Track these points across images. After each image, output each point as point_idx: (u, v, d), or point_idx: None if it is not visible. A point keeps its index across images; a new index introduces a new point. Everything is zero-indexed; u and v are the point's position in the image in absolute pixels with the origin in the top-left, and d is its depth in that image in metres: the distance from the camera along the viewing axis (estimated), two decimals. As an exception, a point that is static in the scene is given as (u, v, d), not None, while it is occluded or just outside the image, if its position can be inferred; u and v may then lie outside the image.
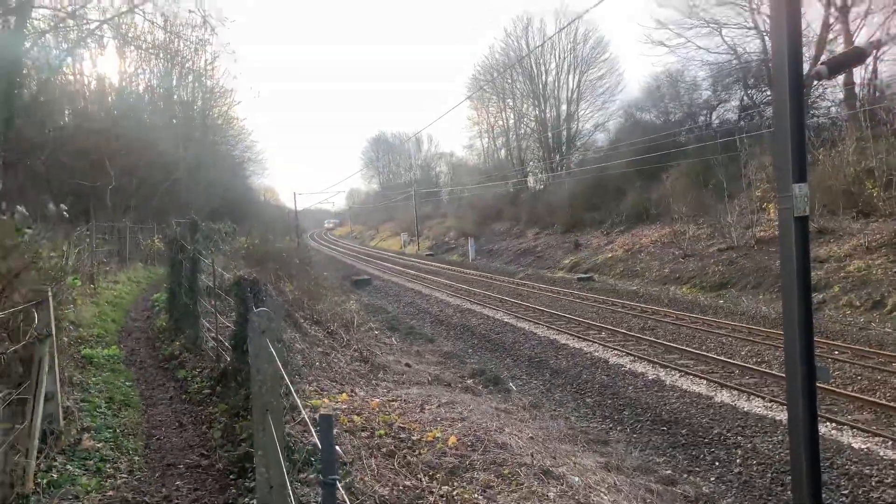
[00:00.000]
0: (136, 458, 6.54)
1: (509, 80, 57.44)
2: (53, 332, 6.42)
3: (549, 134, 53.94)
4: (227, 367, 8.28)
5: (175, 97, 41.32)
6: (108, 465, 6.12)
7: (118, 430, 7.10)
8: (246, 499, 5.30)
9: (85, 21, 21.36)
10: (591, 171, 42.45)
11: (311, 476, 5.38)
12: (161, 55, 33.84)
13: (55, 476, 5.51)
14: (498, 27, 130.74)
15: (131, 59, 34.21)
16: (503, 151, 63.69)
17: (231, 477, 6.00)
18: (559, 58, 53.67)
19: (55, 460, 5.84)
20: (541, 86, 54.92)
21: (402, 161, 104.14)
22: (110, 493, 5.60)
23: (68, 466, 5.83)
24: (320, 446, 1.73)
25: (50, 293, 6.43)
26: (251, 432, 6.11)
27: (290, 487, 3.36)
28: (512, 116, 60.32)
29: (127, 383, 9.19)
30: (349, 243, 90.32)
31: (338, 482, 1.75)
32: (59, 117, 27.49)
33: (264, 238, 21.41)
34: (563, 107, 54.15)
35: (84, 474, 5.79)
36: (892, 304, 16.34)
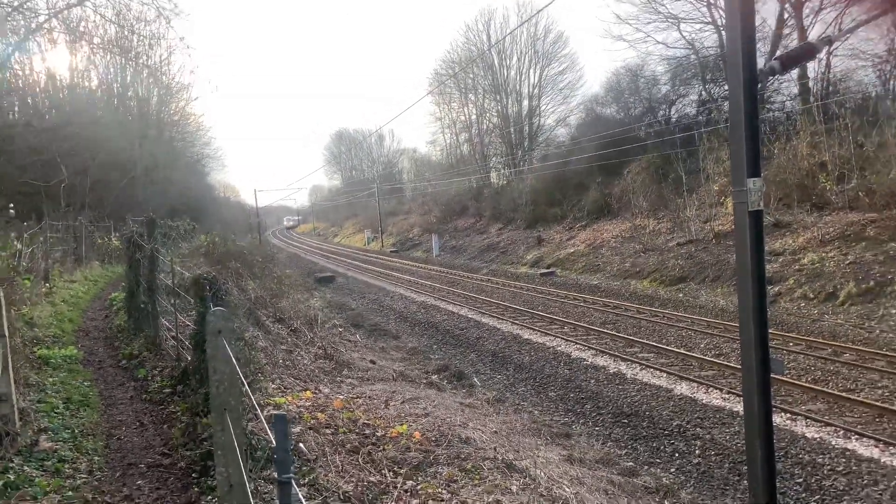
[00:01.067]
0: (96, 458, 6.41)
1: (471, 75, 57.58)
2: (6, 333, 6.26)
3: (512, 129, 54.24)
4: (188, 366, 8.16)
5: (130, 93, 40.41)
6: (66, 466, 5.99)
7: (77, 431, 6.95)
8: (208, 497, 5.25)
9: (33, 14, 20.71)
10: (553, 166, 42.82)
11: (275, 474, 5.35)
12: (114, 50, 32.99)
13: (12, 478, 5.38)
14: (461, 23, 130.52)
15: (83, 54, 33.30)
16: (466, 147, 63.82)
17: (193, 475, 5.93)
18: (520, 52, 54.00)
19: (12, 462, 5.70)
20: (502, 80, 55.19)
21: (365, 157, 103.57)
22: (69, 493, 5.49)
23: (25, 468, 5.69)
24: (275, 447, 1.73)
25: (1, 293, 6.26)
26: (211, 431, 6.05)
27: (248, 486, 3.34)
28: (474, 112, 60.50)
29: (85, 383, 8.99)
30: (312, 240, 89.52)
31: (293, 480, 1.76)
32: (8, 114, 26.62)
33: (225, 236, 21.08)
34: (525, 102, 54.49)
35: (42, 475, 5.65)
36: (844, 296, 16.87)
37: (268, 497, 4.89)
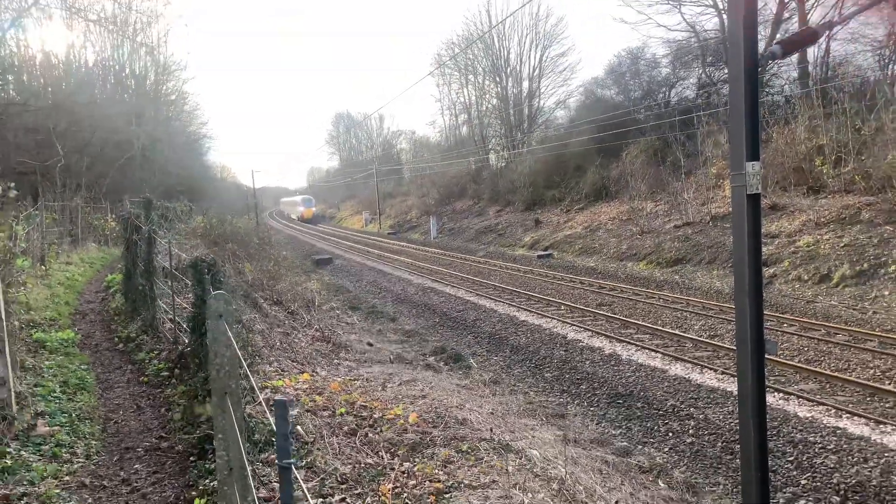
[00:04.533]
0: (94, 442, 6.47)
1: (471, 56, 57.24)
2: (3, 316, 6.26)
3: (511, 111, 53.97)
4: (185, 349, 8.20)
5: (126, 72, 40.10)
6: (64, 450, 6.04)
7: (74, 415, 6.99)
8: (206, 480, 5.30)
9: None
10: (552, 148, 42.69)
11: (272, 457, 5.40)
12: (111, 27, 32.72)
13: (9, 462, 5.42)
14: (463, 4, 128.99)
15: (79, 30, 33.02)
16: (465, 128, 63.59)
17: (191, 459, 5.98)
18: (521, 33, 53.64)
19: (8, 447, 5.74)
20: (502, 62, 54.85)
21: (364, 138, 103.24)
22: (67, 478, 5.54)
23: (22, 452, 5.73)
24: (276, 433, 1.76)
25: (-2, 276, 6.27)
26: (211, 414, 6.09)
27: (248, 469, 3.38)
28: (474, 93, 60.20)
29: (82, 367, 9.03)
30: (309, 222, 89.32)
31: (294, 466, 1.78)
32: (3, 91, 26.41)
33: (222, 217, 21.07)
34: (525, 83, 54.20)
35: (39, 460, 5.70)
36: (838, 278, 16.96)
37: (266, 479, 4.95)
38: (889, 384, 10.03)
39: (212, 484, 5.06)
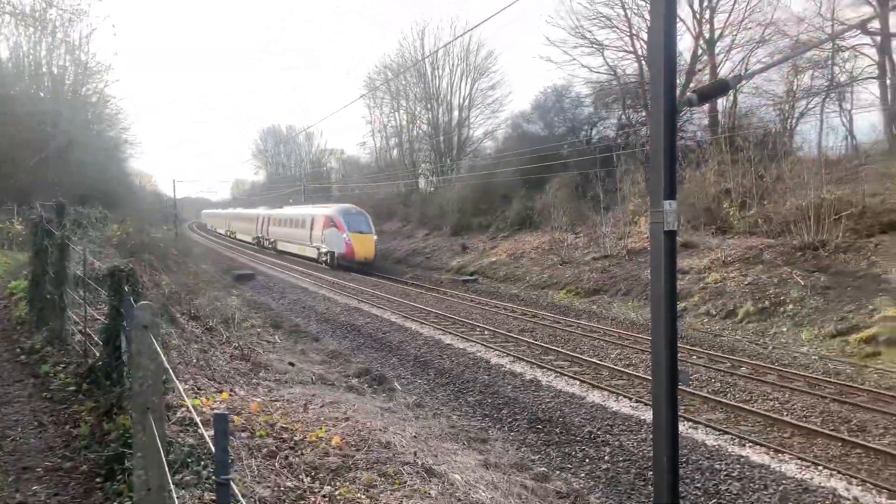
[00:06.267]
0: (-12, 460, 6.04)
1: (404, 82, 57.72)
2: None
3: (441, 138, 54.67)
4: (97, 362, 7.81)
5: (44, 69, 38.19)
6: (-46, 469, 5.62)
7: (-34, 431, 6.53)
8: (114, 503, 5.05)
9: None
10: (480, 176, 43.44)
11: (188, 478, 5.21)
12: (28, 21, 31.19)
13: None
14: (398, 30, 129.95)
15: (-7, 24, 31.30)
16: (395, 152, 63.84)
17: (97, 480, 5.67)
18: (453, 64, 54.61)
19: None
20: (434, 90, 55.63)
21: (293, 154, 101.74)
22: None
23: None
24: (215, 447, 1.74)
25: None
26: (122, 432, 5.82)
27: (172, 490, 3.27)
28: (405, 117, 60.63)
29: (-22, 379, 8.45)
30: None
31: (231, 482, 1.77)
32: None
33: (139, 227, 20.27)
34: (455, 112, 55.18)
35: (-74, 479, 5.29)
36: (742, 314, 17.95)
37: (181, 502, 4.77)
38: (787, 416, 10.67)
39: (122, 506, 4.84)
